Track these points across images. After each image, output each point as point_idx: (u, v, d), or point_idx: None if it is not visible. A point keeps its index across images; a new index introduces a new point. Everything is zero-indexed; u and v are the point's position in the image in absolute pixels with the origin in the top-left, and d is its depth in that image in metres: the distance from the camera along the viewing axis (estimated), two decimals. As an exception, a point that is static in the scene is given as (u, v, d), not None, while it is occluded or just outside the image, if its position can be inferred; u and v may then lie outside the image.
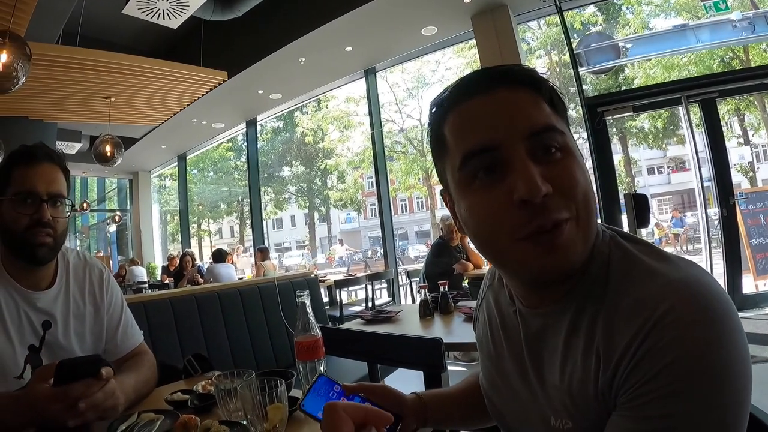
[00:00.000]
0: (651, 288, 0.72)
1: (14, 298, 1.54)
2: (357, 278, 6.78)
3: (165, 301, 2.75)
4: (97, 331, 1.72)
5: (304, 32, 7.14)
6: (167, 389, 1.69)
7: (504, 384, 0.98)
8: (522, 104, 0.79)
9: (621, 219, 6.04)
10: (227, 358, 2.85)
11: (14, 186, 1.51)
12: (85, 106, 7.83)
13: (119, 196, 17.68)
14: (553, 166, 0.76)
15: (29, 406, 1.24)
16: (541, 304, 0.87)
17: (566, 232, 0.75)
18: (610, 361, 0.73)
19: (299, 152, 24.36)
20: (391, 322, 2.88)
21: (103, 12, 7.33)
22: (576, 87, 6.51)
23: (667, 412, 0.66)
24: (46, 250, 1.55)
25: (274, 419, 1.18)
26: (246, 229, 25.16)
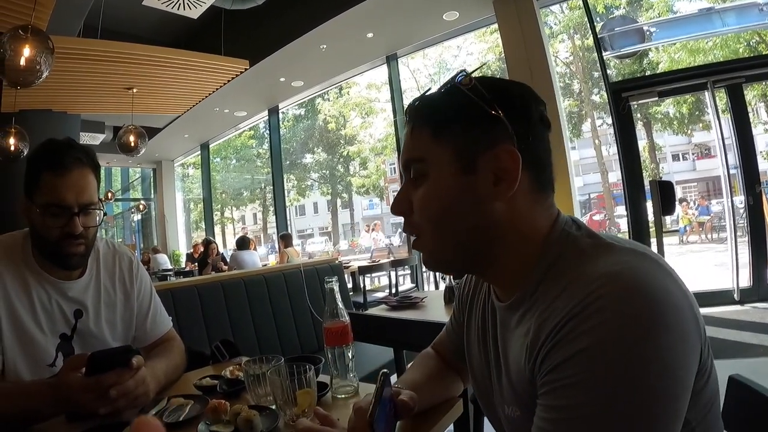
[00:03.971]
0: (585, 281, 0.73)
1: (46, 289, 1.56)
2: (381, 264, 6.78)
3: (192, 289, 2.78)
4: (128, 318, 1.74)
5: (325, 19, 7.11)
6: (196, 374, 1.71)
7: (475, 369, 1.06)
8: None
9: (646, 206, 5.96)
10: (253, 345, 2.87)
11: (44, 194, 1.49)
12: (107, 98, 7.86)
13: (143, 185, 17.88)
14: None
15: (61, 394, 1.26)
16: (504, 298, 0.92)
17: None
18: (536, 345, 0.76)
19: (321, 139, 24.37)
20: (416, 308, 2.88)
21: (123, 4, 7.37)
22: (600, 72, 6.42)
23: (564, 402, 0.68)
24: (78, 258, 1.57)
25: (303, 404, 1.19)
26: (269, 216, 25.29)
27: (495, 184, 0.84)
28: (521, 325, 0.85)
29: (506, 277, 0.91)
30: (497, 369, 0.95)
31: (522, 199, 0.86)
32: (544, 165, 0.88)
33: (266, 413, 1.23)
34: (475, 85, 0.85)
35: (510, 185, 0.83)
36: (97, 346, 1.57)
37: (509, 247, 0.87)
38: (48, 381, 1.37)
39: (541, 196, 0.88)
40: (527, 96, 0.88)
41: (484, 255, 0.89)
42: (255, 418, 1.15)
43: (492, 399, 0.99)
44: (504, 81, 0.90)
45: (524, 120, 0.85)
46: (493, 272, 0.92)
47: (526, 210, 0.86)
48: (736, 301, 5.66)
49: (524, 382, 0.81)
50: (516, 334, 0.87)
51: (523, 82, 0.91)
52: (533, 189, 0.87)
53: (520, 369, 0.83)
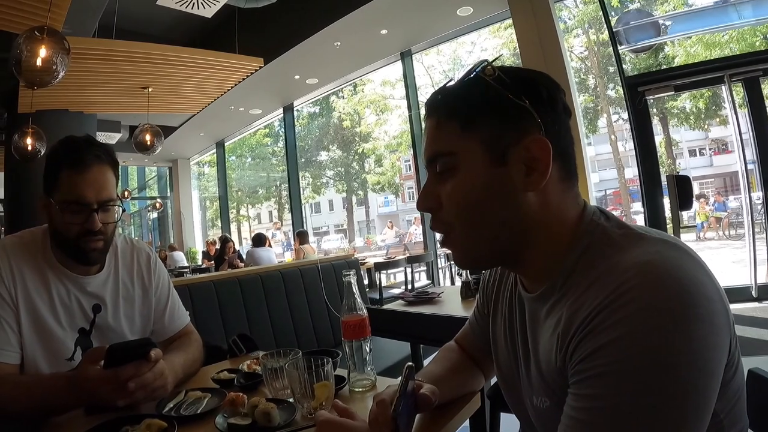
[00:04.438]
0: (616, 271, 0.73)
1: (65, 284, 1.57)
2: (397, 261, 6.79)
3: (209, 284, 2.80)
4: (146, 312, 1.75)
5: (339, 16, 7.12)
6: (213, 368, 1.72)
7: (501, 361, 1.07)
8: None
9: (663, 202, 5.90)
10: (269, 340, 2.89)
11: (63, 192, 1.50)
12: (123, 97, 7.92)
13: (159, 184, 18.02)
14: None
15: (80, 387, 1.27)
16: (533, 289, 0.92)
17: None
18: (567, 335, 0.76)
19: (336, 136, 24.38)
20: (433, 303, 2.86)
21: (137, 4, 7.43)
22: (616, 66, 6.35)
23: (595, 392, 0.68)
24: (97, 254, 1.58)
25: (320, 397, 1.19)
26: (284, 213, 25.37)
27: (527, 175, 0.83)
28: (551, 315, 0.85)
29: (535, 269, 0.90)
30: (525, 360, 0.95)
31: (552, 189, 0.85)
32: (569, 154, 0.88)
33: (284, 406, 1.24)
34: (499, 75, 0.84)
35: (542, 175, 0.82)
36: (116, 340, 1.58)
37: (540, 239, 0.87)
38: (66, 374, 1.38)
39: (569, 185, 0.88)
40: (550, 85, 0.88)
41: (515, 248, 0.88)
42: (273, 410, 1.16)
43: (519, 390, 0.99)
44: (525, 70, 0.89)
45: (551, 109, 0.85)
46: (523, 264, 0.91)
47: (555, 200, 0.86)
48: (754, 298, 5.58)
49: (555, 372, 0.81)
50: (546, 325, 0.87)
51: (541, 71, 0.89)
52: (561, 178, 0.86)
53: (550, 359, 0.83)
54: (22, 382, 1.41)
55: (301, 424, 1.16)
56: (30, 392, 1.34)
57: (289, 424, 1.16)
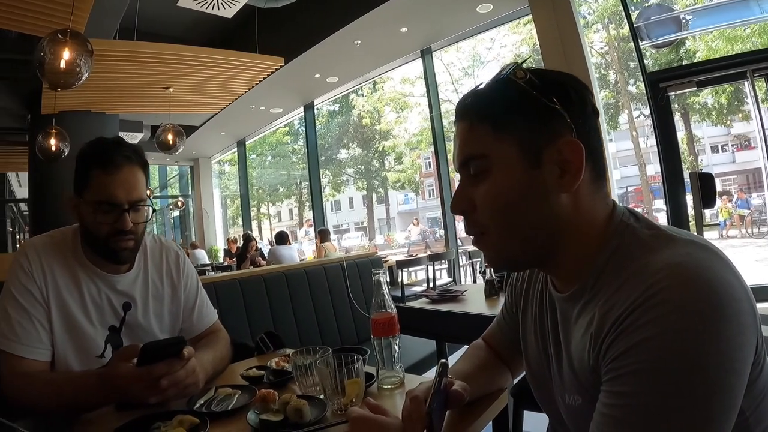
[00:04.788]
0: (647, 272, 0.74)
1: (95, 282, 1.60)
2: (418, 259, 6.78)
3: (234, 282, 2.81)
4: (175, 310, 1.77)
5: (358, 14, 7.10)
6: (241, 366, 1.73)
7: (532, 359, 1.08)
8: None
9: (685, 199, 5.82)
10: (294, 337, 2.90)
11: (94, 192, 1.52)
12: (145, 98, 7.98)
13: (181, 183, 18.19)
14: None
15: (112, 384, 1.29)
16: (563, 290, 0.93)
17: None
18: (600, 334, 0.77)
19: (356, 134, 24.40)
20: (457, 301, 2.86)
21: (157, 6, 7.48)
22: (637, 62, 6.28)
23: (627, 389, 0.69)
24: (128, 253, 1.60)
25: (351, 393, 1.20)
26: (305, 211, 25.47)
27: (560, 177, 0.84)
28: (583, 315, 0.86)
29: (567, 269, 0.91)
30: (557, 358, 0.96)
31: (584, 191, 0.86)
32: (598, 154, 0.88)
33: (315, 403, 1.25)
34: (530, 77, 0.85)
35: (575, 177, 0.83)
36: (145, 338, 1.61)
37: (572, 240, 0.88)
38: (98, 371, 1.41)
39: (598, 186, 0.89)
40: (579, 86, 0.88)
41: (548, 249, 0.89)
42: (304, 407, 1.16)
43: (550, 388, 1.00)
44: (554, 72, 0.90)
45: (580, 111, 0.86)
46: (555, 265, 0.92)
47: (587, 201, 0.87)
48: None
49: (587, 371, 0.82)
50: (578, 325, 0.88)
51: (568, 73, 0.91)
52: (592, 179, 0.87)
53: (583, 357, 0.84)
54: (53, 379, 1.44)
55: (331, 421, 1.17)
56: (61, 389, 1.37)
57: (320, 420, 1.17)
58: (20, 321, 1.46)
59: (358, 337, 3.30)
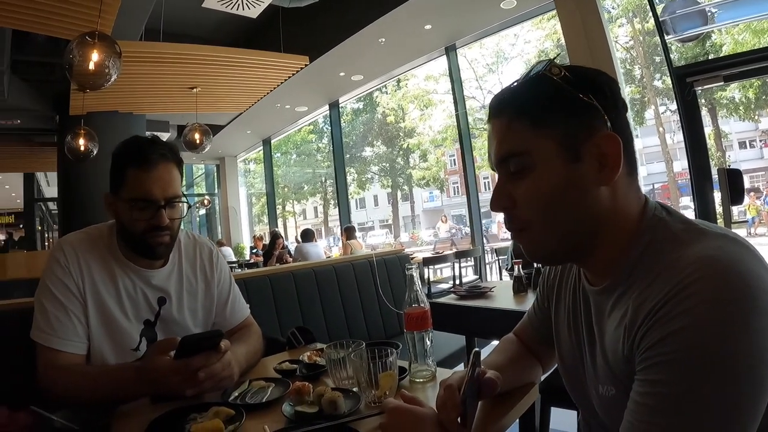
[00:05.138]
0: (680, 265, 0.75)
1: (131, 277, 1.63)
2: (445, 256, 6.77)
3: (264, 279, 2.85)
4: (208, 305, 1.80)
5: (382, 12, 7.09)
6: (273, 360, 1.77)
7: (564, 352, 1.09)
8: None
9: (713, 196, 5.72)
10: (323, 333, 2.92)
11: (130, 189, 1.55)
12: (171, 98, 8.08)
13: (207, 181, 18.35)
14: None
15: (149, 376, 1.32)
16: (597, 283, 0.95)
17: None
18: (634, 325, 0.79)
19: (381, 132, 24.39)
20: (485, 297, 2.86)
21: (182, 7, 7.58)
22: (662, 56, 6.18)
23: (660, 378, 0.71)
24: (163, 248, 1.63)
25: (385, 386, 1.21)
26: (330, 209, 25.56)
27: (599, 171, 0.86)
28: (617, 308, 0.88)
29: (601, 263, 0.92)
30: (591, 350, 0.97)
31: (620, 184, 0.88)
32: (631, 147, 0.90)
33: (349, 395, 1.26)
34: (565, 73, 0.87)
35: (614, 170, 0.85)
36: (179, 332, 1.63)
37: (608, 234, 0.89)
38: (134, 364, 1.44)
39: (632, 179, 0.91)
40: (611, 81, 0.90)
41: (587, 242, 0.91)
42: (339, 399, 1.18)
43: (583, 380, 1.01)
44: (585, 68, 0.91)
45: (614, 105, 0.87)
46: (591, 258, 0.94)
47: (623, 194, 0.89)
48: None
49: (621, 362, 0.84)
50: (612, 317, 0.89)
51: (597, 69, 0.92)
52: (627, 172, 0.89)
53: (617, 349, 0.85)
54: (90, 371, 1.48)
55: (365, 413, 1.18)
56: (98, 381, 1.40)
57: (354, 412, 1.18)
58: (57, 315, 1.50)
59: (385, 333, 3.32)
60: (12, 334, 1.73)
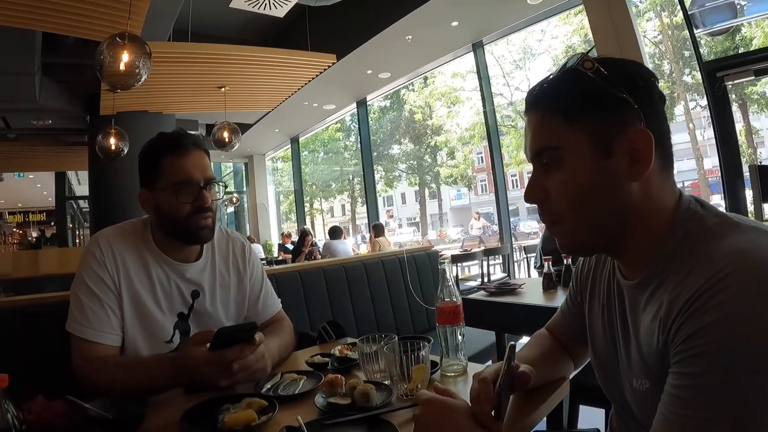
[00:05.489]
0: (714, 258, 0.76)
1: (165, 271, 1.67)
2: (473, 253, 6.74)
3: (294, 274, 2.87)
4: (240, 299, 1.83)
5: (409, 10, 7.06)
6: (305, 353, 1.78)
7: (598, 346, 1.09)
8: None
9: (745, 194, 5.60)
10: (352, 328, 2.93)
11: (169, 176, 1.59)
12: (200, 97, 8.19)
13: (235, 179, 18.53)
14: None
15: (183, 367, 1.35)
16: (631, 277, 0.95)
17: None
18: (669, 318, 0.79)
19: (408, 129, 24.36)
20: (514, 294, 2.86)
21: (209, 8, 7.67)
22: (692, 50, 6.06)
23: (695, 370, 0.71)
24: (208, 231, 1.66)
25: (417, 379, 1.22)
26: (357, 207, 25.62)
27: (630, 166, 0.86)
28: (652, 302, 0.88)
29: (635, 256, 0.93)
30: (625, 344, 0.98)
31: (653, 179, 0.88)
32: (667, 142, 0.90)
33: (381, 388, 1.27)
34: (598, 67, 0.87)
35: (645, 165, 0.85)
36: (212, 325, 1.66)
37: (641, 227, 0.89)
38: (169, 355, 1.48)
39: (667, 174, 0.91)
40: (646, 74, 0.89)
41: (619, 236, 0.92)
42: (372, 391, 1.19)
43: (616, 374, 1.01)
44: (620, 60, 0.91)
45: (648, 99, 0.87)
46: (625, 251, 0.94)
47: (656, 189, 0.89)
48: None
49: (655, 355, 0.84)
50: (647, 311, 0.89)
51: (635, 60, 0.91)
52: (661, 167, 0.89)
53: (651, 342, 0.85)
54: (124, 362, 1.52)
55: (397, 405, 1.19)
56: (133, 372, 1.43)
57: (386, 404, 1.19)
58: (92, 307, 1.54)
59: (414, 328, 3.32)
60: (46, 326, 1.79)
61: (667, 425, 0.73)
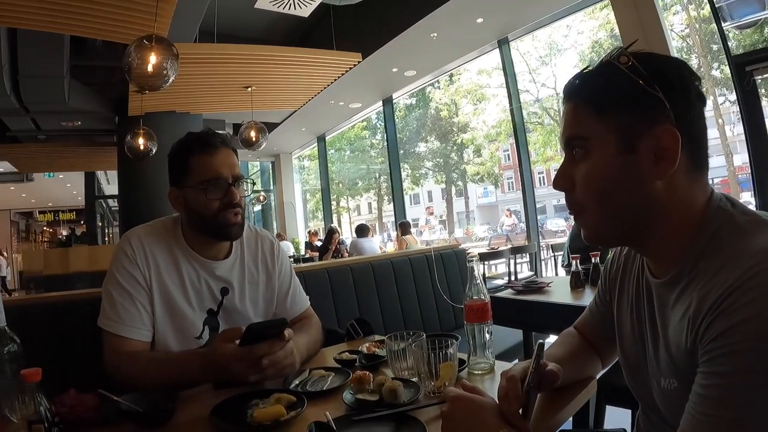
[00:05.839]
0: (744, 256, 0.75)
1: (195, 268, 1.70)
2: (500, 251, 6.72)
3: (322, 272, 2.90)
4: (269, 296, 1.85)
5: (434, 7, 7.02)
6: (333, 350, 1.81)
7: (626, 345, 1.09)
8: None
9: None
10: (379, 325, 2.94)
11: (198, 174, 1.62)
12: (227, 97, 8.27)
13: (262, 178, 18.67)
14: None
15: (213, 363, 1.38)
16: (660, 275, 0.95)
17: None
18: (698, 316, 0.78)
19: (434, 127, 24.28)
20: (542, 292, 2.84)
21: (235, 9, 7.73)
22: (720, 44, 5.94)
23: (724, 369, 0.70)
24: (238, 228, 1.69)
25: (445, 377, 1.23)
26: (383, 204, 25.62)
27: (655, 164, 0.86)
28: (681, 300, 0.87)
29: (664, 253, 0.93)
30: (654, 343, 0.97)
31: (680, 178, 0.87)
32: (700, 143, 0.89)
33: (408, 385, 1.28)
34: (633, 63, 0.86)
35: (670, 165, 0.85)
36: (241, 321, 1.68)
37: (668, 224, 0.89)
38: (199, 351, 1.51)
39: (698, 175, 0.90)
40: (686, 74, 0.89)
41: (641, 231, 0.92)
42: (399, 388, 1.20)
43: (644, 373, 1.01)
44: (660, 57, 0.91)
45: (683, 99, 0.86)
46: (652, 247, 0.94)
47: (683, 188, 0.88)
48: None
49: (684, 354, 0.83)
50: (675, 309, 0.88)
51: (677, 57, 0.93)
52: (690, 167, 0.88)
53: (680, 341, 0.84)
54: (155, 357, 1.56)
55: (424, 402, 1.20)
56: (164, 367, 1.47)
57: (413, 401, 1.20)
58: (123, 303, 1.57)
59: (441, 327, 3.32)
60: (77, 322, 1.84)
61: (695, 425, 0.72)
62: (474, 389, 1.03)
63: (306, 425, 1.06)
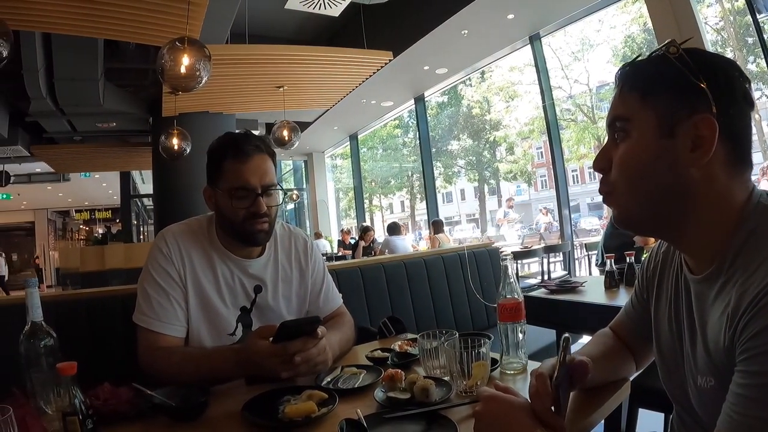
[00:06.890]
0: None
1: (229, 266, 1.72)
2: (534, 250, 6.66)
3: (355, 270, 2.90)
4: (302, 294, 1.86)
5: (464, 4, 6.97)
6: (365, 348, 1.81)
7: (663, 344, 1.08)
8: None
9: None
10: (411, 324, 2.94)
11: (228, 180, 1.64)
12: (259, 97, 8.36)
13: (295, 176, 18.85)
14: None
15: (247, 358, 1.39)
16: (698, 272, 0.94)
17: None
18: (736, 314, 0.78)
19: (466, 125, 24.12)
20: (575, 292, 2.82)
21: (265, 10, 7.82)
22: (756, 36, 5.80)
23: (762, 368, 0.69)
24: (263, 235, 1.71)
25: (477, 376, 1.22)
26: (416, 203, 25.57)
27: (691, 151, 0.86)
28: (720, 297, 0.86)
29: (700, 248, 0.93)
30: (691, 341, 0.96)
31: (718, 169, 0.87)
32: (742, 140, 0.89)
33: (440, 383, 1.27)
34: (681, 54, 0.88)
35: (705, 153, 0.85)
36: (274, 319, 1.70)
37: (703, 215, 0.89)
38: (233, 347, 1.53)
39: (738, 170, 0.89)
40: (732, 71, 0.89)
41: (675, 218, 0.92)
42: (431, 386, 1.20)
43: (681, 372, 1.00)
44: (713, 54, 0.93)
45: (726, 94, 0.87)
46: (688, 241, 0.94)
47: (722, 181, 0.88)
48: None
49: (722, 352, 0.82)
50: (714, 306, 0.88)
51: (731, 59, 0.93)
52: (730, 161, 0.88)
53: (718, 339, 0.83)
54: (190, 353, 1.58)
55: (456, 402, 1.19)
56: (198, 362, 1.50)
57: (445, 400, 1.20)
58: (158, 300, 1.61)
59: (473, 326, 3.30)
60: (112, 317, 1.91)
61: (732, 426, 0.72)
62: (507, 389, 1.03)
63: (337, 422, 1.06)
